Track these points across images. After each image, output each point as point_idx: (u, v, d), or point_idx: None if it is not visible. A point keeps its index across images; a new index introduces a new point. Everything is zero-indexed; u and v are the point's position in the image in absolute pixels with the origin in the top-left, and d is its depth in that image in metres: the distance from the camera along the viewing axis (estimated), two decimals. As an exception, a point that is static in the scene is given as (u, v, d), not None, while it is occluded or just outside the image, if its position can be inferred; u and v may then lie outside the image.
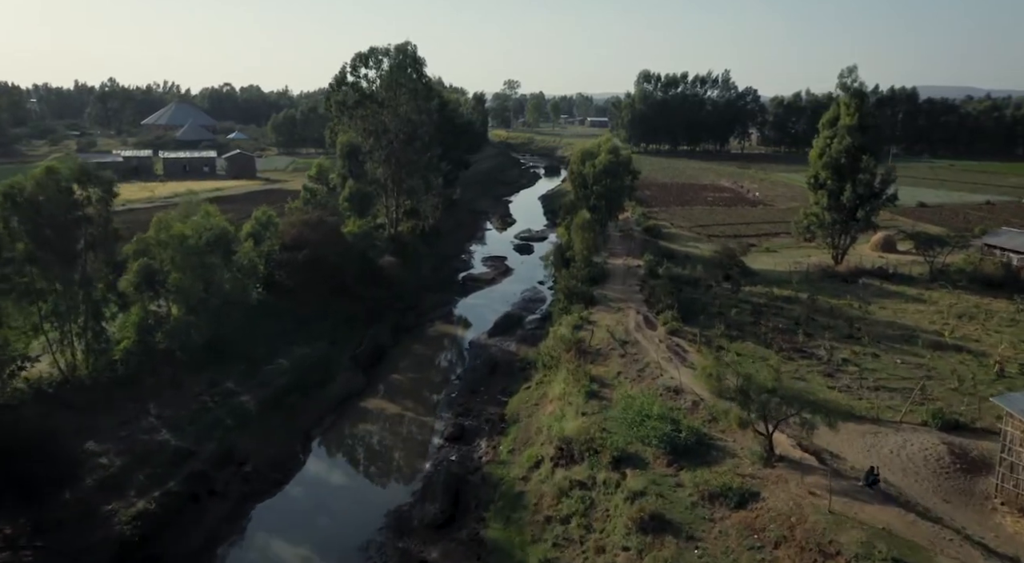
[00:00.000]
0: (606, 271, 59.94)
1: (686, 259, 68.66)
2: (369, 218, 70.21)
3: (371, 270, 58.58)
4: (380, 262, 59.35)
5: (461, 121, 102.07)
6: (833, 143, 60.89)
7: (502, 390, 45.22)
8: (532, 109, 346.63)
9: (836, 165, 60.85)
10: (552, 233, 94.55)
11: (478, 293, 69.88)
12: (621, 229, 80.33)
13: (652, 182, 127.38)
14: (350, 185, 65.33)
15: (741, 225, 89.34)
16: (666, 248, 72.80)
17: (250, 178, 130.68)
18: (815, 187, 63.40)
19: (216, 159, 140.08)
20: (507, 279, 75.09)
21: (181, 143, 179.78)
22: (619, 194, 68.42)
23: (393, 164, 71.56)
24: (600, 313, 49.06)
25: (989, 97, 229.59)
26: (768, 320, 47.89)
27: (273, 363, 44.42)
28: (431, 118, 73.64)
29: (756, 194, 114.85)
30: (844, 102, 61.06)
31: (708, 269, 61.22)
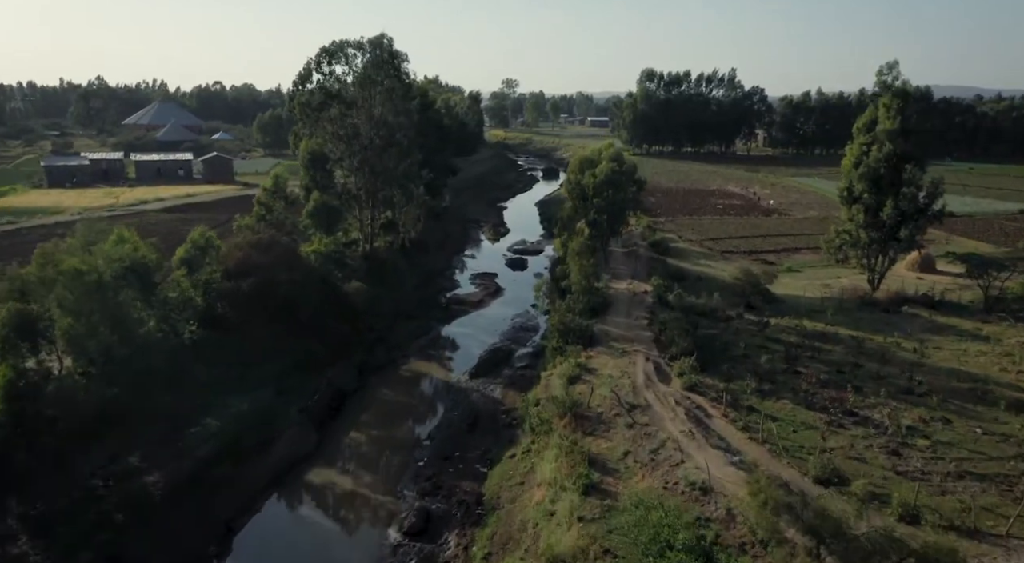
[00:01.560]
0: (608, 298, 51.62)
1: (698, 281, 60.33)
2: (339, 233, 61.91)
3: (334, 298, 50.28)
4: (346, 288, 50.99)
5: (449, 123, 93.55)
6: (872, 151, 52.57)
7: (482, 455, 36.92)
8: (531, 108, 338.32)
9: (874, 176, 52.53)
10: (548, 245, 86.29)
11: (463, 319, 61.59)
12: (624, 244, 72.04)
13: (656, 187, 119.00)
14: (315, 198, 57.04)
15: (756, 238, 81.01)
16: (675, 267, 64.47)
17: (227, 182, 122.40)
18: (849, 201, 55.08)
19: (192, 162, 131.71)
20: (496, 301, 66.77)
21: (162, 144, 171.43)
22: (623, 208, 60.09)
23: (367, 172, 63.21)
24: (601, 357, 40.75)
25: (1001, 97, 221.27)
26: (805, 366, 39.61)
27: (201, 423, 36.12)
28: (411, 120, 65.28)
29: (771, 202, 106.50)
30: (884, 103, 52.70)
31: (727, 296, 52.93)
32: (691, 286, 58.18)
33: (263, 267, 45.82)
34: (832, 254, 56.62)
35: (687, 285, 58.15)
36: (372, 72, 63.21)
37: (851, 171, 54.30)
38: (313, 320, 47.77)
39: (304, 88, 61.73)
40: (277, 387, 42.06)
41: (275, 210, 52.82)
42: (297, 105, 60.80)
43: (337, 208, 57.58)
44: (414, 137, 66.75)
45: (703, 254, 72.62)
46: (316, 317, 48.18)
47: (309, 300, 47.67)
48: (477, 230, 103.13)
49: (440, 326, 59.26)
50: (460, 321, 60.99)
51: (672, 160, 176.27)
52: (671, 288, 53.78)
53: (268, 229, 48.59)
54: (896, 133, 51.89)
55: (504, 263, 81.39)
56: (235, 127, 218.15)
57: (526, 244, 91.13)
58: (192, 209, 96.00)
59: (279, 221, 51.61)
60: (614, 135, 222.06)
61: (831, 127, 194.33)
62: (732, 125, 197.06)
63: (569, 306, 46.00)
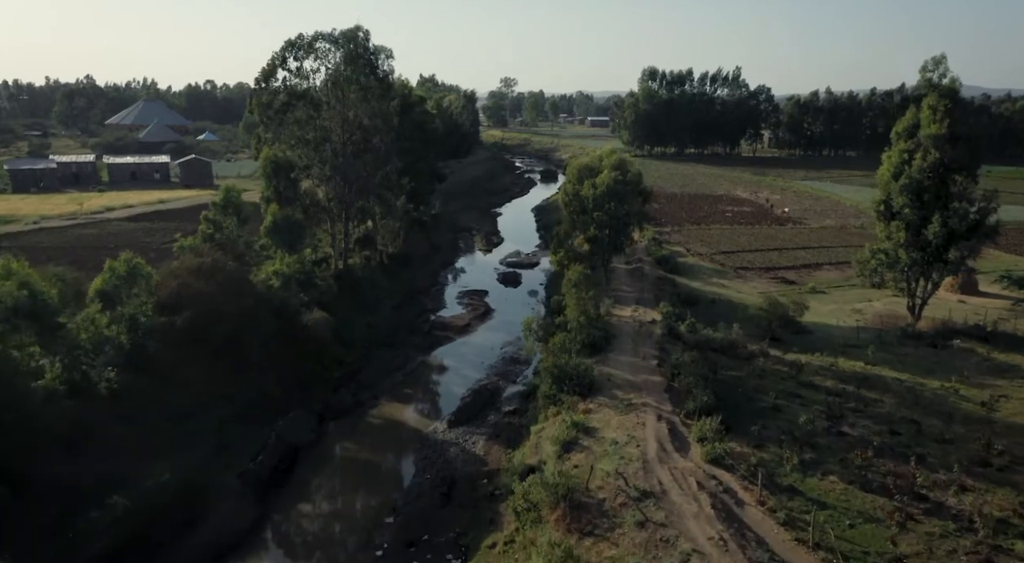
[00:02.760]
0: (610, 330, 44.61)
1: (713, 306, 53.35)
2: (308, 250, 54.84)
3: (292, 330, 43.26)
4: (307, 318, 43.95)
5: (439, 124, 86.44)
6: (915, 159, 45.55)
7: (455, 539, 29.86)
8: (530, 108, 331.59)
9: (918, 188, 45.52)
10: (544, 256, 79.29)
11: (447, 347, 54.58)
12: (628, 259, 65.04)
13: (660, 192, 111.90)
14: (272, 211, 50.00)
15: (772, 252, 74.02)
16: (686, 289, 57.47)
17: (205, 187, 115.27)
18: (886, 216, 48.06)
19: (169, 165, 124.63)
20: (485, 325, 59.77)
21: (144, 145, 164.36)
22: (627, 223, 53.03)
23: (339, 181, 56.14)
24: (603, 411, 33.70)
25: (1011, 96, 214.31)
26: (851, 423, 32.63)
27: (104, 503, 29.05)
28: (389, 123, 58.19)
29: (785, 210, 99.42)
30: (929, 104, 45.68)
31: (747, 326, 45.95)
32: (705, 312, 51.19)
33: (204, 297, 38.78)
34: (866, 277, 49.55)
35: (700, 311, 51.15)
36: (345, 69, 56.21)
37: (889, 183, 47.28)
38: (265, 358, 40.78)
39: (266, 86, 54.65)
40: (215, 444, 35.07)
41: (226, 228, 45.80)
42: (256, 106, 53.71)
43: (299, 223, 50.49)
44: (393, 142, 59.69)
45: (715, 271, 65.59)
46: (269, 354, 41.20)
47: (260, 334, 40.66)
48: (469, 239, 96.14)
49: (420, 357, 52.21)
50: (443, 350, 53.96)
51: (675, 162, 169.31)
52: (682, 316, 46.80)
53: (214, 250, 41.58)
54: (943, 139, 44.92)
55: (496, 278, 74.41)
56: (223, 128, 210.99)
57: (520, 256, 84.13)
58: (160, 217, 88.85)
59: (229, 241, 44.57)
60: (615, 136, 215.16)
61: (840, 128, 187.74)
62: (737, 126, 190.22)
63: (564, 345, 38.93)
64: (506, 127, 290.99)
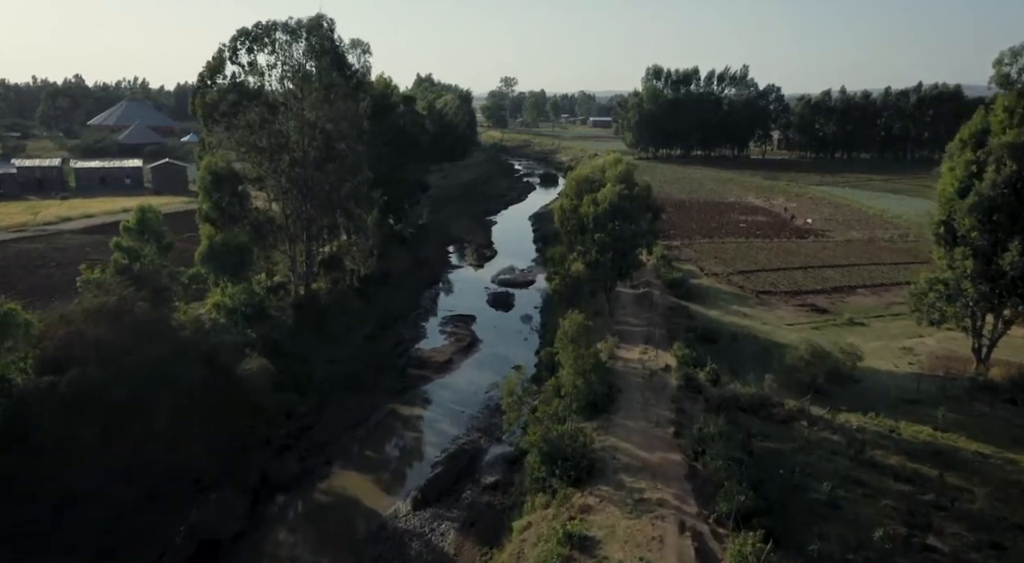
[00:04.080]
0: (615, 381, 36.45)
1: (734, 342, 45.20)
2: (259, 277, 46.75)
3: (226, 383, 35.18)
4: (242, 369, 35.81)
5: (421, 128, 78.36)
6: (986, 172, 37.36)
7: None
8: (530, 108, 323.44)
9: (990, 208, 37.33)
10: (541, 273, 71.25)
11: (423, 389, 46.51)
12: (635, 283, 56.88)
13: (668, 199, 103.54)
14: (207, 233, 41.94)
15: (796, 271, 65.80)
16: (702, 320, 49.29)
17: (178, 193, 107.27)
18: (948, 241, 39.88)
19: (141, 169, 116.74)
20: (469, 360, 51.68)
21: (123, 147, 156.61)
22: (634, 245, 44.84)
23: (296, 196, 48.08)
24: (607, 511, 25.55)
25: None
26: (939, 530, 24.50)
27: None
28: (357, 127, 50.10)
29: (808, 221, 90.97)
30: (1005, 105, 37.51)
31: (780, 373, 37.86)
32: (727, 351, 43.12)
33: (104, 347, 30.76)
34: (923, 314, 41.27)
35: (721, 349, 43.10)
36: (307, 64, 48.21)
37: (953, 199, 39.09)
38: (184, 421, 32.74)
39: (213, 84, 46.61)
40: (98, 547, 27.04)
41: (145, 256, 37.66)
42: (199, 107, 45.65)
43: (246, 246, 42.38)
44: (364, 148, 51.59)
45: (734, 296, 57.34)
46: (191, 415, 33.15)
47: (178, 391, 32.62)
48: (459, 253, 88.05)
49: (389, 403, 44.07)
50: (418, 394, 45.86)
51: (681, 165, 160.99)
52: (701, 361, 38.75)
53: (123, 286, 33.54)
54: (1022, 148, 36.77)
55: (486, 300, 66.32)
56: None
57: (514, 273, 75.99)
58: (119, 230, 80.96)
59: (149, 272, 36.42)
60: (618, 137, 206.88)
61: (853, 129, 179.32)
62: (745, 126, 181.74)
63: (558, 414, 30.75)
64: (506, 128, 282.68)
